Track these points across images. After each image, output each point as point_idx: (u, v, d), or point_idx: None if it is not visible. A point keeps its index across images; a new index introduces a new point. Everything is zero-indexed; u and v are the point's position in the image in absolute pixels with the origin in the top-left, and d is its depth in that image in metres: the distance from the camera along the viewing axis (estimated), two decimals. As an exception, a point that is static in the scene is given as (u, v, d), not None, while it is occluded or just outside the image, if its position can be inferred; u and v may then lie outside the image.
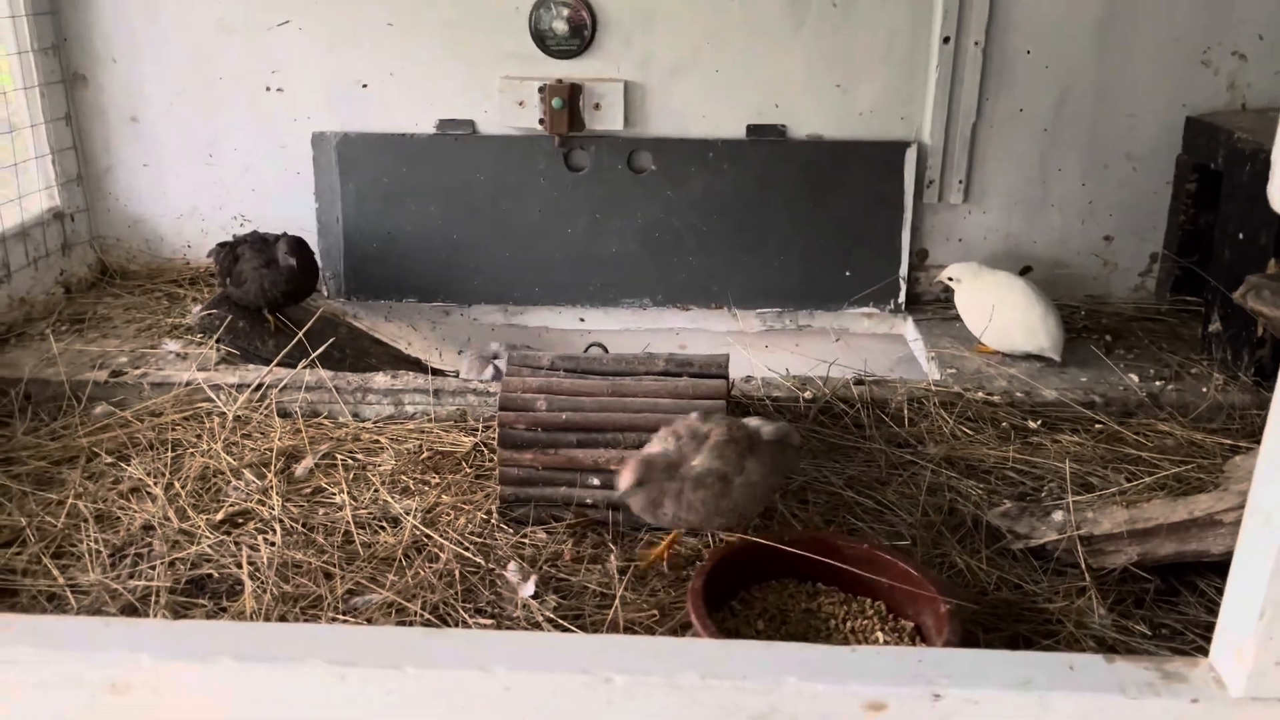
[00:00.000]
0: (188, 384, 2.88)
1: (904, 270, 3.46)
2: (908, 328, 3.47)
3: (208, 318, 3.10)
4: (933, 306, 3.52)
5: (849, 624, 2.03)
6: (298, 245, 3.15)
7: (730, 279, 3.51)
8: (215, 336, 3.07)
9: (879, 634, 1.99)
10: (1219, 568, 2.21)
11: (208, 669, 1.54)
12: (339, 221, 3.50)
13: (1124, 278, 3.56)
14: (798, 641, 2.00)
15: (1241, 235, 2.91)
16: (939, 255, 3.54)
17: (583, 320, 3.58)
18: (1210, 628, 2.12)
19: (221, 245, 3.22)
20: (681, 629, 2.06)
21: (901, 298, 3.48)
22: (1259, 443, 1.45)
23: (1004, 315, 3.05)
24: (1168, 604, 2.17)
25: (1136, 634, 2.05)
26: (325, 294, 3.59)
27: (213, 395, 2.84)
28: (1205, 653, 2.05)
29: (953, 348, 3.20)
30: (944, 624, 1.89)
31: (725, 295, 3.52)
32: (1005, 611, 2.10)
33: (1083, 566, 2.18)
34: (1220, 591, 2.20)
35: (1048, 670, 1.56)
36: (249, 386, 2.86)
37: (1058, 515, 2.31)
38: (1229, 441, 2.65)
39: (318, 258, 3.53)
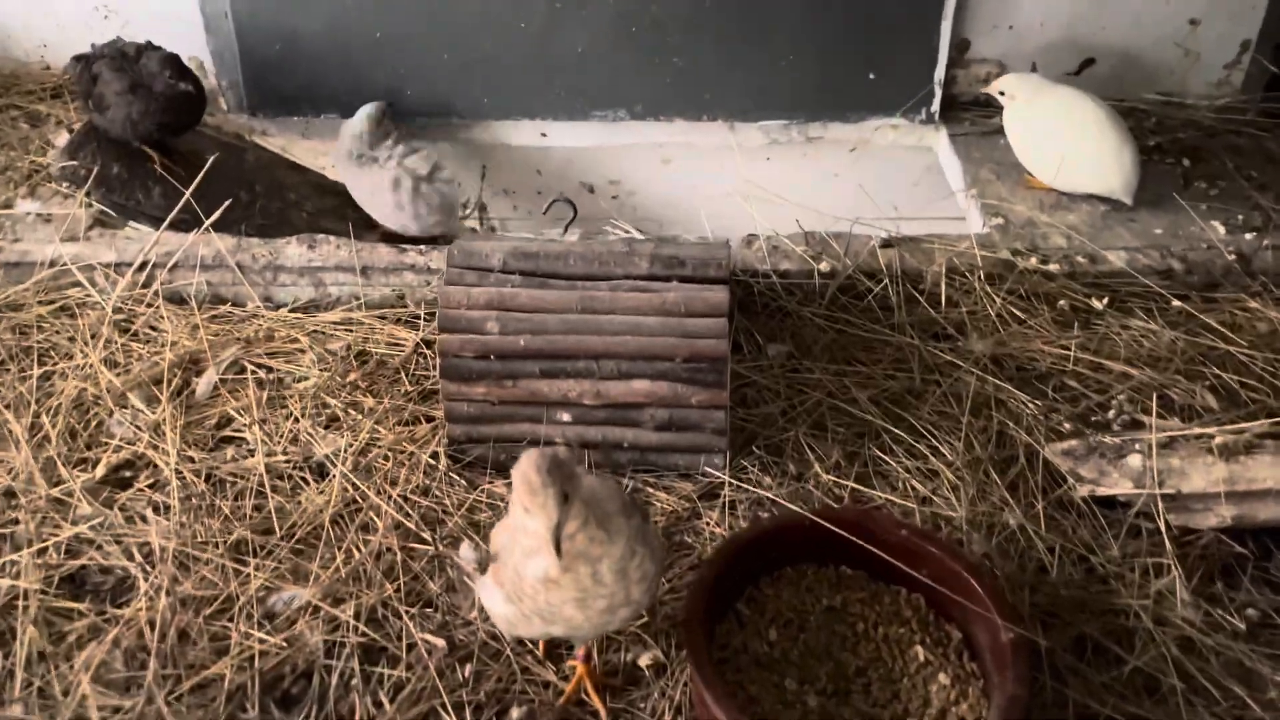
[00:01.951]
0: (52, 264, 2.31)
1: (940, 73, 2.79)
2: (940, 142, 2.86)
3: (69, 167, 2.45)
4: (972, 114, 2.88)
5: (881, 630, 1.65)
6: (171, 65, 2.45)
7: (726, 85, 2.83)
8: (84, 190, 2.44)
9: (918, 649, 1.61)
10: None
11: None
12: (228, 16, 2.74)
13: (1205, 71, 2.91)
14: (817, 657, 1.63)
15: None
16: (983, 47, 2.86)
17: (545, 135, 2.93)
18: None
19: (76, 60, 2.51)
20: (674, 631, 1.68)
21: (935, 106, 2.84)
22: None
23: (1069, 147, 2.45)
24: (1259, 570, 1.80)
25: (1228, 630, 1.69)
26: (225, 108, 2.90)
27: (85, 282, 2.28)
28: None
29: (998, 182, 2.62)
30: (1006, 660, 1.50)
31: (720, 106, 2.86)
32: (1069, 596, 1.73)
33: (1164, 533, 1.79)
34: (1326, 558, 1.83)
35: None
36: (130, 266, 2.29)
37: (1134, 460, 1.88)
38: (1338, 328, 2.18)
39: (208, 63, 2.83)
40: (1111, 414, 2.03)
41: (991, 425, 2.01)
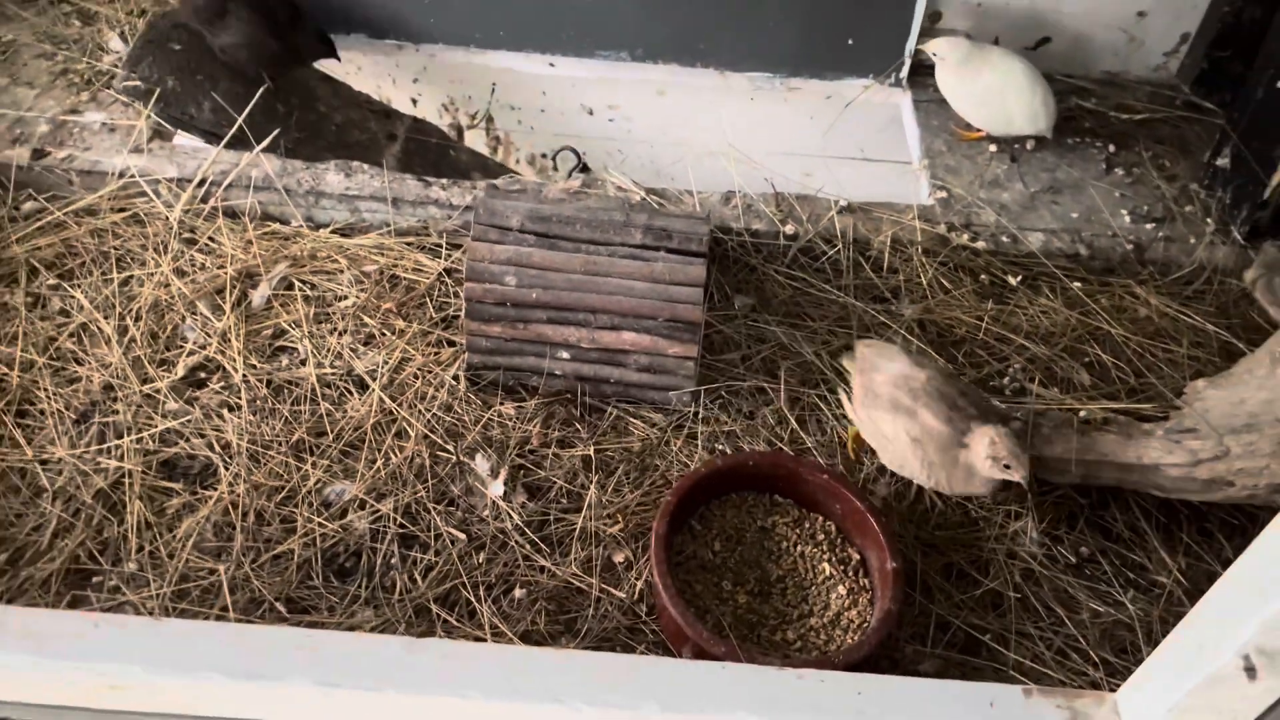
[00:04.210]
0: (120, 174, 2.64)
1: (912, 45, 3.11)
2: (905, 104, 3.21)
3: (132, 86, 2.74)
4: (935, 81, 3.22)
5: (799, 548, 2.16)
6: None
7: (719, 38, 3.13)
8: (147, 110, 2.74)
9: (826, 565, 2.13)
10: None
11: (196, 682, 1.65)
12: (267, -64, 2.96)
13: (1147, 56, 3.25)
14: (749, 565, 2.15)
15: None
16: (953, 20, 3.16)
17: (552, 66, 3.23)
18: (1122, 561, 2.29)
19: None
20: (641, 535, 2.17)
21: (905, 72, 3.18)
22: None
23: (1007, 100, 2.91)
24: (1096, 517, 2.33)
25: (1060, 563, 2.23)
26: (260, 17, 3.15)
27: (151, 194, 2.62)
28: (1120, 586, 2.25)
29: (948, 154, 3.00)
30: (888, 583, 2.02)
31: (712, 56, 3.17)
32: (944, 534, 2.24)
33: (1028, 489, 2.29)
34: (1146, 513, 2.35)
35: (970, 705, 1.75)
36: (190, 182, 2.63)
37: (1015, 425, 2.36)
38: (1198, 320, 2.63)
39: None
40: (1006, 380, 2.51)
41: (909, 383, 2.48)
